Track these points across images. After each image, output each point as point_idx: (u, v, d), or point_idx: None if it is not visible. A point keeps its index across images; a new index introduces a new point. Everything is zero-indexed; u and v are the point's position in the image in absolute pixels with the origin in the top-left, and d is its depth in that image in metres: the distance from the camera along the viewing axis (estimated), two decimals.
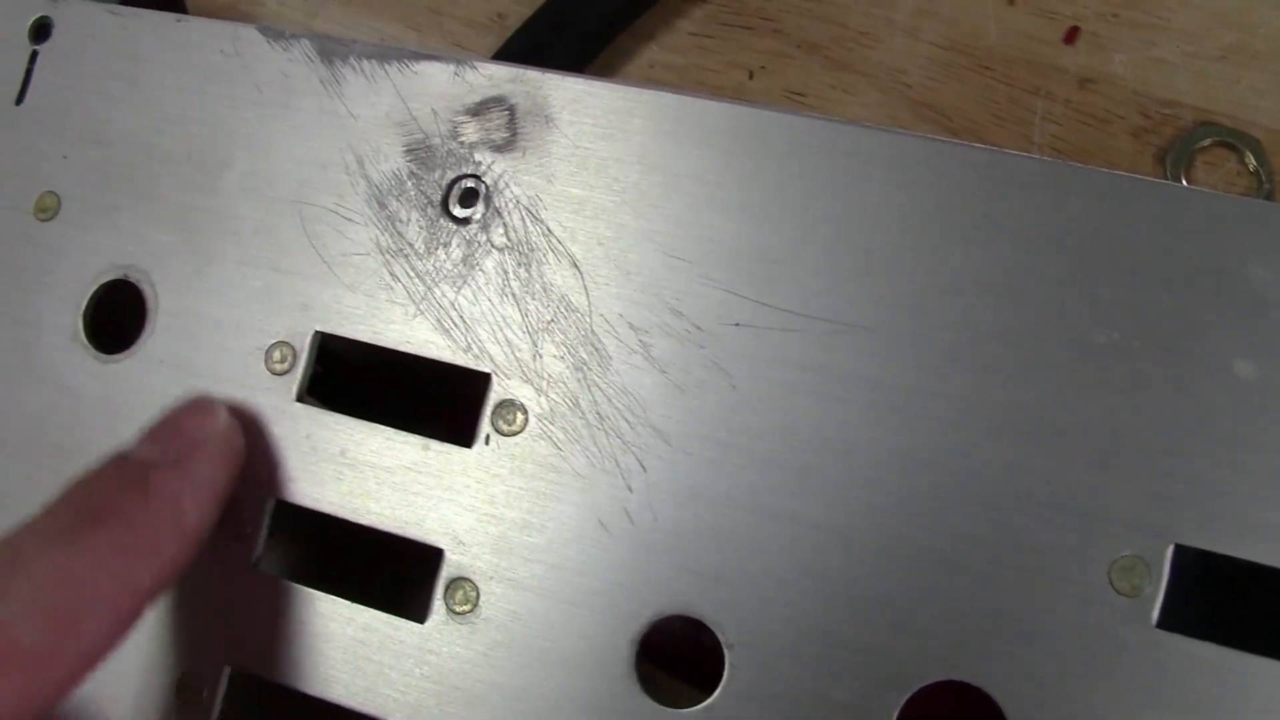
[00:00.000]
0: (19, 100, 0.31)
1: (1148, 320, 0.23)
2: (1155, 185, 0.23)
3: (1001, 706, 0.23)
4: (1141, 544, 0.22)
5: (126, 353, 0.29)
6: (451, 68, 0.27)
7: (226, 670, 0.26)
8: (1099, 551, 0.23)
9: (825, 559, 0.23)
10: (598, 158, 0.26)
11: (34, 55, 0.31)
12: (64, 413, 0.29)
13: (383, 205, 0.27)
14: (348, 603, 0.26)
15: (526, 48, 0.35)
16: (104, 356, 0.29)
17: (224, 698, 0.26)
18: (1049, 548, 0.23)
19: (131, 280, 0.29)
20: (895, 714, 0.23)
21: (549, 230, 0.26)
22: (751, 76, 0.38)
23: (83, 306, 0.29)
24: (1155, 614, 0.22)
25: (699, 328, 0.25)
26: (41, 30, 0.31)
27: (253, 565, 0.27)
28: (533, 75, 0.27)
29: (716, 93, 0.37)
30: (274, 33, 0.29)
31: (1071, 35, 0.36)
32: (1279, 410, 0.22)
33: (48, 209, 0.30)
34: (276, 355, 0.27)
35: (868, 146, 0.25)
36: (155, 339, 0.28)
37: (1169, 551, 0.22)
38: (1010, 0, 0.37)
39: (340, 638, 0.26)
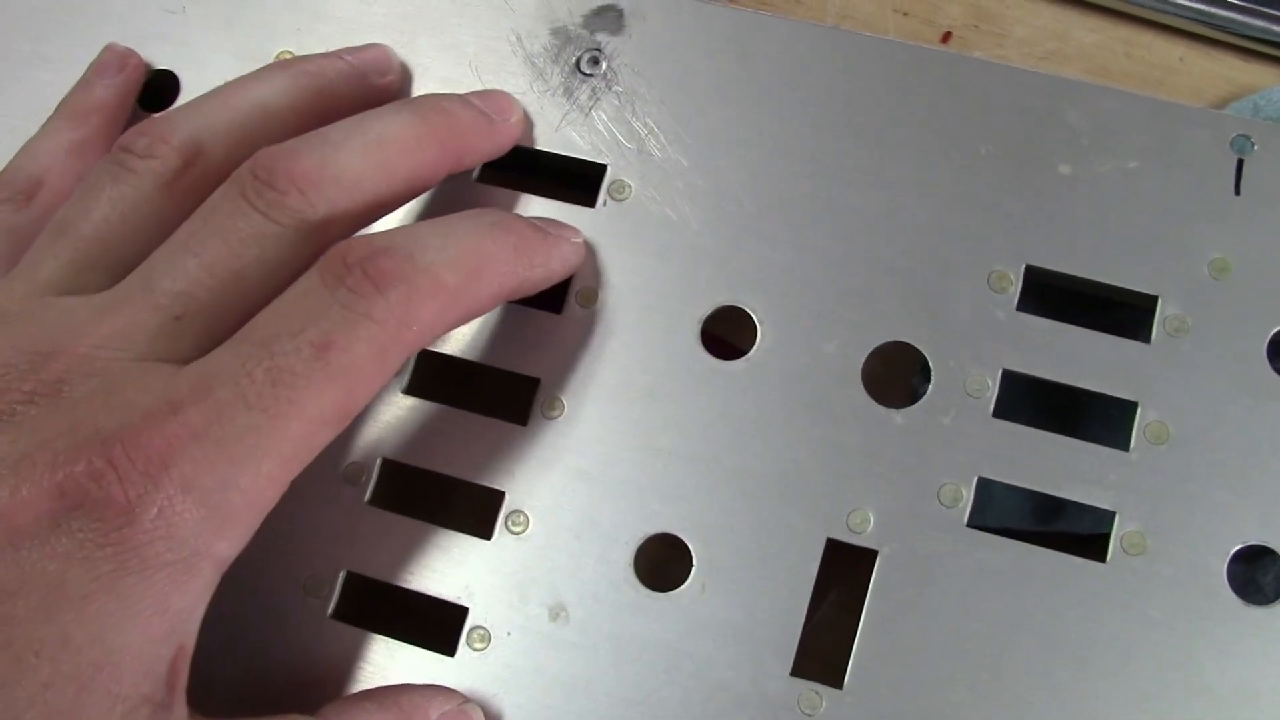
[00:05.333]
0: None
1: (1007, 141, 0.39)
2: (1027, 74, 0.40)
3: (928, 358, 0.38)
4: (1006, 263, 0.39)
5: None
6: None
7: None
8: (980, 268, 0.39)
9: (823, 273, 0.39)
10: (674, 40, 0.42)
11: None
12: None
13: (534, 65, 0.42)
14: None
15: None
16: None
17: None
18: (953, 264, 0.39)
19: None
20: (862, 363, 0.38)
21: (648, 82, 0.42)
22: None
23: None
24: (1015, 304, 0.38)
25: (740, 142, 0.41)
26: None
27: None
28: None
29: None
30: None
31: (946, 38, 0.53)
32: (1084, 191, 0.39)
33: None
34: None
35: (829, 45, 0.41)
36: None
37: (1023, 267, 0.39)
38: (905, 12, 0.54)
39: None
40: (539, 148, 0.41)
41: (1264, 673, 0.35)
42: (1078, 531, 0.39)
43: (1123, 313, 0.38)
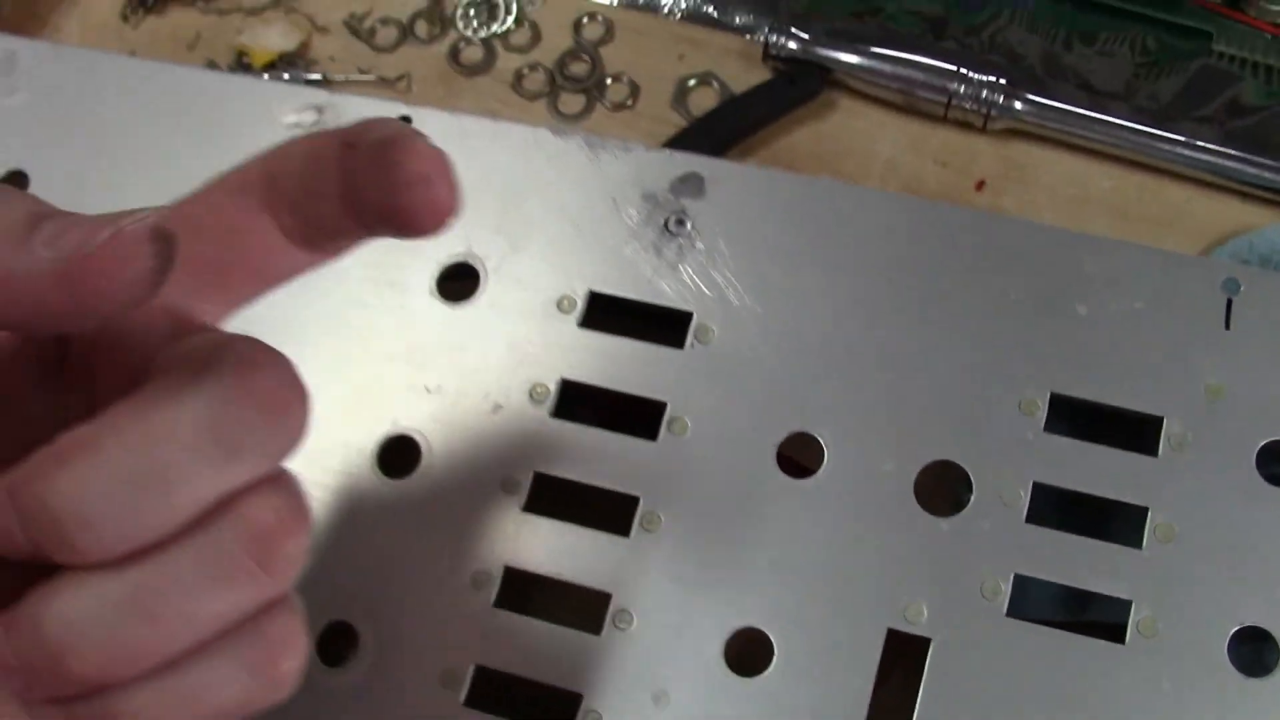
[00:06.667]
0: None
1: (1032, 286, 0.47)
2: (1049, 230, 0.48)
3: (969, 473, 0.45)
4: (1034, 391, 0.46)
5: (468, 302, 0.50)
6: (668, 153, 0.51)
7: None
8: (1011, 395, 0.46)
9: (879, 403, 0.46)
10: (747, 203, 0.49)
11: None
12: (426, 336, 0.50)
13: (628, 225, 0.50)
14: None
15: (694, 141, 0.58)
16: (452, 304, 0.50)
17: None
18: (989, 393, 0.46)
19: (468, 261, 0.51)
20: (914, 479, 0.45)
21: (726, 239, 0.49)
22: None
23: (436, 274, 0.51)
24: (1042, 425, 0.45)
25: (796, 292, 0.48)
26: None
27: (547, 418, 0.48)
28: (713, 161, 0.50)
29: None
30: (559, 130, 0.52)
31: (980, 185, 0.61)
32: (1099, 329, 0.46)
33: None
34: (565, 304, 0.49)
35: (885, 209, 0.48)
36: (485, 295, 0.50)
37: (1048, 394, 0.46)
38: (943, 163, 0.62)
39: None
40: (633, 298, 0.49)
41: None
42: (1106, 620, 0.45)
43: (1134, 431, 0.45)
